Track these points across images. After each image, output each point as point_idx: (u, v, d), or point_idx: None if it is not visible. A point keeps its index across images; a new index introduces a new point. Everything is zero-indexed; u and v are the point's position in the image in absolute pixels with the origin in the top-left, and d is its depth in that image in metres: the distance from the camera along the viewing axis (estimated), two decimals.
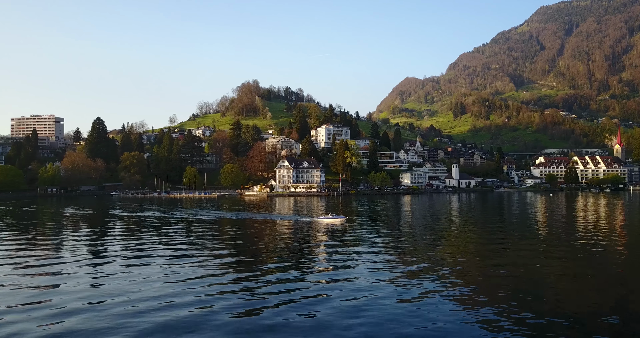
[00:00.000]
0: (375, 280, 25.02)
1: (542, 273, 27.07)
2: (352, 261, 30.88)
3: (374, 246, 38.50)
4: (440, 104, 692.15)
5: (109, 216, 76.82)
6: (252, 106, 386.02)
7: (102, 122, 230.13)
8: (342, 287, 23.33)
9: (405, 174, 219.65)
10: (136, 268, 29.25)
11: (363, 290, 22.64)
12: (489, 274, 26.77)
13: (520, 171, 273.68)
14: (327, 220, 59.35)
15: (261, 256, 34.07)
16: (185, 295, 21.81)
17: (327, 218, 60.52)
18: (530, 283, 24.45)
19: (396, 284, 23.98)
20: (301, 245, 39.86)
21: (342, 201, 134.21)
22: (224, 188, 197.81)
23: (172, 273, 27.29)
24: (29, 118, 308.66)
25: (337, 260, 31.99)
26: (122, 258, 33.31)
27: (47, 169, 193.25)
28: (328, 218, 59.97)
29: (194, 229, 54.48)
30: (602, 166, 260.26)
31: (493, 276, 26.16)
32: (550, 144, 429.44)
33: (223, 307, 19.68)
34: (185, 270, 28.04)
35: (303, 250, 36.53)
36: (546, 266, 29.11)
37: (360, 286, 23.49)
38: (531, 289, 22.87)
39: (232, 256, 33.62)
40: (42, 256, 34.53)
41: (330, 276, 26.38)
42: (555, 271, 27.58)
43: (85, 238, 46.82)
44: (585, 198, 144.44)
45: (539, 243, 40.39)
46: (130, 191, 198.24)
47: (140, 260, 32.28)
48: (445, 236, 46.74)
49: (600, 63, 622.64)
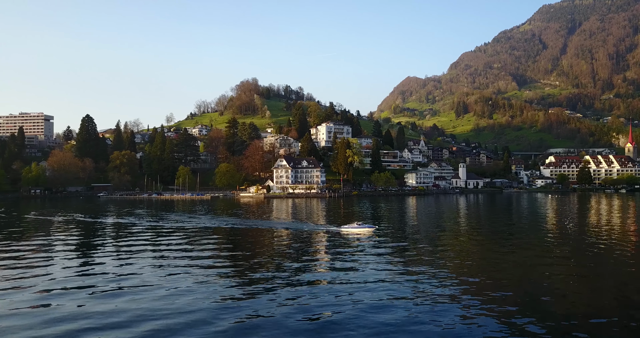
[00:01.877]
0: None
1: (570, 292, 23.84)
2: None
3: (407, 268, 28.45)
4: (442, 103, 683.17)
5: (72, 224, 65.93)
6: (250, 104, 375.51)
7: (92, 120, 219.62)
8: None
9: (410, 174, 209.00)
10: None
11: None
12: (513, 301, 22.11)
13: (530, 171, 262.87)
14: (354, 229, 48.95)
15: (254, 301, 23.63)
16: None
17: (353, 227, 49.79)
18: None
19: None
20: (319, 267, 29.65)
21: (343, 203, 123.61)
22: (219, 189, 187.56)
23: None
24: (17, 116, 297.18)
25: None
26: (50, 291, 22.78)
27: (31, 169, 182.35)
28: (354, 228, 49.38)
29: (161, 243, 43.79)
30: (615, 165, 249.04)
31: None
32: (556, 144, 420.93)
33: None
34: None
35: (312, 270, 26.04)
36: (576, 292, 24.26)
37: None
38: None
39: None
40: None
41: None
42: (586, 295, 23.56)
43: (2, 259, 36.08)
44: (602, 200, 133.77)
45: (565, 261, 32.62)
46: (119, 192, 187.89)
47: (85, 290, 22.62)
48: (474, 258, 36.31)
49: (604, 62, 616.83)
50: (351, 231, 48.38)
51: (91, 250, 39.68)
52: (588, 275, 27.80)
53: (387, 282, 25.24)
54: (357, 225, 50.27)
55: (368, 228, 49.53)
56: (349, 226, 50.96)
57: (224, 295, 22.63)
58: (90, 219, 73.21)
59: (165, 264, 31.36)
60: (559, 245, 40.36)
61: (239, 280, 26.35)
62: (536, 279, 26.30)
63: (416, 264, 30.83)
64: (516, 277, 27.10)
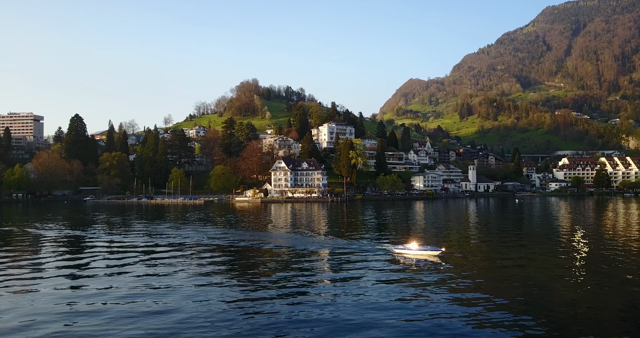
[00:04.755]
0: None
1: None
2: None
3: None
4: (446, 105, 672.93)
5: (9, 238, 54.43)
6: (250, 105, 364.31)
7: (81, 120, 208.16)
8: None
9: (417, 177, 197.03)
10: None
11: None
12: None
13: (542, 173, 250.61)
14: (415, 252, 36.45)
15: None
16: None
17: (412, 249, 36.95)
18: None
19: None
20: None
21: (347, 208, 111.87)
22: (214, 193, 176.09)
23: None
24: (6, 116, 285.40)
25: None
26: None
27: (13, 172, 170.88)
28: (416, 250, 36.72)
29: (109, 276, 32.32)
30: (633, 167, 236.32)
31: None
32: (563, 146, 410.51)
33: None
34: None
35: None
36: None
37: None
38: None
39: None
40: None
41: None
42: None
43: None
44: (630, 205, 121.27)
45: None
46: (108, 196, 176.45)
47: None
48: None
49: (609, 63, 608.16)
50: (413, 255, 35.95)
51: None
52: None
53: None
54: (420, 247, 37.23)
55: (432, 250, 36.80)
56: (403, 247, 37.77)
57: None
58: (40, 231, 61.37)
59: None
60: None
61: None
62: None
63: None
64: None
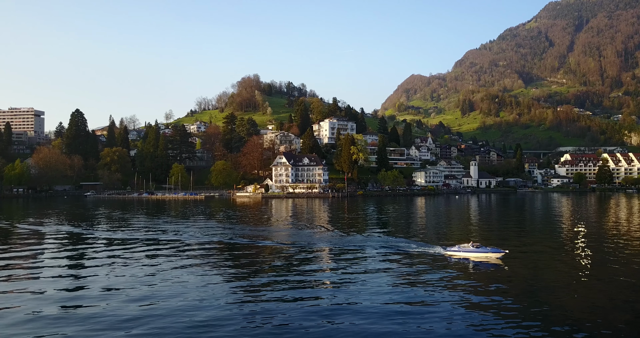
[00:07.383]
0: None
1: None
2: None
3: None
4: (447, 101, 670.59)
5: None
6: (251, 101, 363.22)
7: (82, 115, 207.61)
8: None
9: (418, 172, 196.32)
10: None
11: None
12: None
13: (544, 169, 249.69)
14: (474, 253, 32.70)
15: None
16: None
17: (471, 250, 33.13)
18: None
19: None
20: None
21: (348, 204, 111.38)
22: (215, 188, 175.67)
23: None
24: (6, 111, 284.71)
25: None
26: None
27: (14, 167, 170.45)
28: (474, 251, 32.88)
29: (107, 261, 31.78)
30: (636, 163, 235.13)
31: None
32: (565, 142, 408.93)
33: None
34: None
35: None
36: None
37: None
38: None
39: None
40: None
41: None
42: None
43: None
44: (633, 202, 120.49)
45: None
46: (109, 191, 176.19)
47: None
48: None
49: (612, 59, 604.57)
50: (472, 256, 32.55)
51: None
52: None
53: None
54: (478, 248, 33.13)
55: (493, 252, 32.67)
56: (460, 248, 33.95)
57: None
58: (32, 226, 59.88)
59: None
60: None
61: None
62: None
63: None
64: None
